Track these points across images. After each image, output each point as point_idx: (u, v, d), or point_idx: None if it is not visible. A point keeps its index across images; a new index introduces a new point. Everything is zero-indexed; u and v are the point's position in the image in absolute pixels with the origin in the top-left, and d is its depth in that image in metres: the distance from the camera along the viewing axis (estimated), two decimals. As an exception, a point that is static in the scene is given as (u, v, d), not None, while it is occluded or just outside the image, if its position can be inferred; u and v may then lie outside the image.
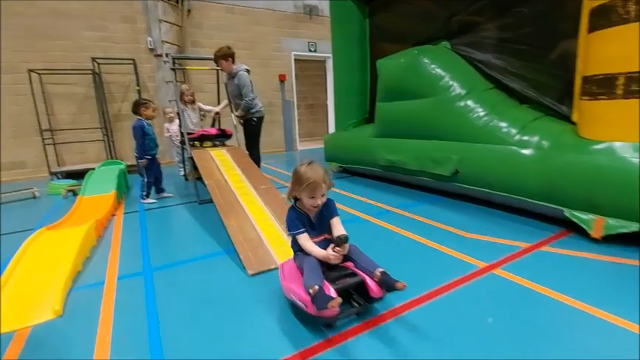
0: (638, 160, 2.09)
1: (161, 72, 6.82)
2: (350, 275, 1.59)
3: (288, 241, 2.30)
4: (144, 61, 6.69)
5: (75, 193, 4.49)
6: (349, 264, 1.63)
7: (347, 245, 1.58)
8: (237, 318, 1.64)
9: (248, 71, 4.08)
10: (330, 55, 5.35)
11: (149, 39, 6.65)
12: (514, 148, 2.79)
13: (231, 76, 4.08)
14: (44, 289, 1.89)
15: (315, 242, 1.64)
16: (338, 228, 1.65)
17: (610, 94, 2.22)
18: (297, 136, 8.76)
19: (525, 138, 2.78)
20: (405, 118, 3.76)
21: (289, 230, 1.66)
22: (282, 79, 8.17)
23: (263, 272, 2.07)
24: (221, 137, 4.40)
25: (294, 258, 1.74)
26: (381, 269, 1.52)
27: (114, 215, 3.52)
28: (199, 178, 3.77)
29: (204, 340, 1.49)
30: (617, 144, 2.22)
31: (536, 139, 2.72)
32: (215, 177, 3.23)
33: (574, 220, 2.38)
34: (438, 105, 3.38)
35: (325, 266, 1.60)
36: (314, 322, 1.51)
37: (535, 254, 2.17)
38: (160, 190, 4.21)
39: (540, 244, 2.31)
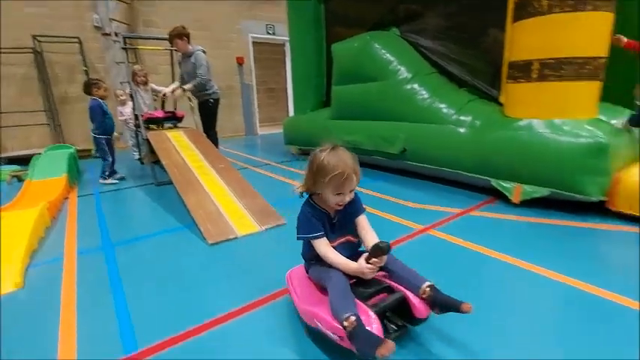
0: (551, 134, 2.46)
1: (111, 52, 6.49)
2: (386, 290, 1.26)
3: (251, 217, 2.47)
4: (90, 40, 6.33)
5: (20, 179, 4.28)
6: (380, 273, 1.27)
7: (385, 256, 1.20)
8: (200, 287, 1.78)
9: (204, 53, 4.07)
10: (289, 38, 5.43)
11: (95, 16, 6.29)
12: (452, 127, 3.11)
13: (187, 55, 4.05)
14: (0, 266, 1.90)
15: (334, 247, 1.29)
16: (367, 229, 1.32)
17: (527, 78, 2.56)
18: (258, 121, 8.76)
19: (461, 118, 3.11)
20: (359, 101, 3.98)
21: (303, 232, 1.28)
22: (240, 62, 8.08)
23: (223, 242, 2.21)
24: (171, 120, 4.33)
25: (307, 268, 1.42)
26: (428, 282, 1.21)
27: (67, 198, 3.45)
28: (156, 162, 3.76)
29: (170, 306, 1.62)
30: (535, 121, 2.58)
31: (470, 118, 3.05)
32: (172, 157, 3.26)
33: (499, 188, 2.74)
34: (387, 88, 3.63)
35: (351, 278, 1.25)
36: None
37: (465, 217, 2.50)
38: (112, 173, 4.14)
39: (470, 209, 2.65)
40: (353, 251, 1.34)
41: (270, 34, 8.51)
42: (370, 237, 1.30)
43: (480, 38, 3.34)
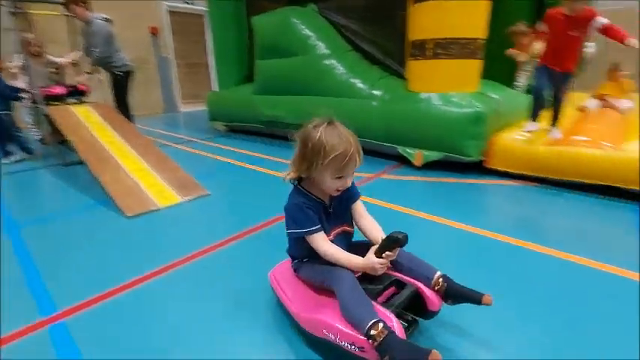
0: (442, 106, 2.86)
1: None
2: (397, 284, 1.13)
3: (172, 189, 2.47)
4: (-38, -1, 5.32)
5: None
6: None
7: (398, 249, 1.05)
8: (120, 252, 1.80)
9: (108, 21, 3.75)
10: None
11: (-33, -29, 5.27)
12: (366, 100, 3.39)
13: (87, 24, 3.69)
14: None
15: (330, 240, 1.13)
16: (366, 217, 1.19)
17: (424, 56, 2.91)
18: (179, 97, 8.31)
19: (374, 92, 3.41)
20: (281, 75, 4.08)
21: (296, 227, 1.10)
22: (154, 32, 7.50)
23: (143, 214, 2.21)
24: (74, 95, 3.96)
25: (297, 267, 1.23)
26: (439, 272, 1.11)
27: (-50, 184, 3.02)
28: (63, 142, 3.45)
29: (87, 271, 1.63)
30: (432, 95, 2.96)
31: (381, 93, 3.36)
32: (80, 134, 3.04)
33: (404, 154, 3.12)
34: (307, 63, 3.78)
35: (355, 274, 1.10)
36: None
37: (377, 180, 2.83)
38: (7, 153, 3.72)
39: (381, 173, 2.99)
40: (348, 243, 1.21)
41: (187, 3, 8.00)
42: (371, 225, 1.16)
43: (390, 19, 3.63)
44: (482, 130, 2.74)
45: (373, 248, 1.05)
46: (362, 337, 0.91)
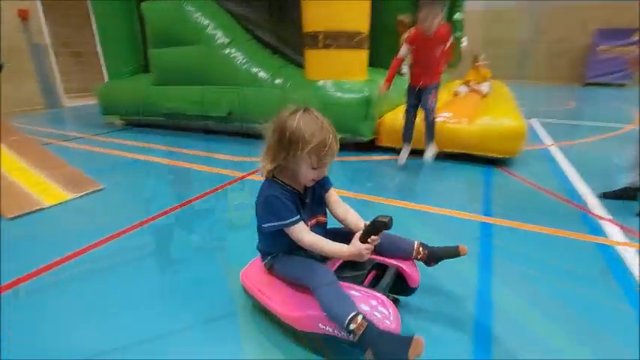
0: (336, 92, 3.13)
1: None
2: (377, 267, 1.14)
3: (59, 186, 2.26)
4: None
5: None
6: None
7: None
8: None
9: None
10: (87, -9, 4.70)
11: None
12: (268, 89, 3.52)
13: None
14: None
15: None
16: (340, 204, 1.18)
17: (317, 46, 3.15)
18: (62, 90, 7.33)
19: (275, 81, 3.55)
20: (179, 65, 3.94)
21: (273, 219, 1.04)
22: (23, 16, 6.45)
23: (27, 214, 2.02)
24: None
25: (270, 264, 1.17)
26: (417, 242, 1.15)
27: None
28: None
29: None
30: (327, 82, 3.22)
31: (282, 81, 3.52)
32: None
33: (307, 138, 3.34)
34: (205, 52, 3.73)
35: (331, 261, 1.13)
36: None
37: (280, 164, 2.99)
38: None
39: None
40: (324, 232, 1.17)
41: (63, -17, 7.03)
42: (348, 213, 1.16)
43: (288, 10, 3.78)
44: (371, 112, 3.10)
45: (357, 235, 1.03)
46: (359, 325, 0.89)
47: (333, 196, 1.18)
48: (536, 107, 5.55)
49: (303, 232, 1.04)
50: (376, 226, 0.99)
